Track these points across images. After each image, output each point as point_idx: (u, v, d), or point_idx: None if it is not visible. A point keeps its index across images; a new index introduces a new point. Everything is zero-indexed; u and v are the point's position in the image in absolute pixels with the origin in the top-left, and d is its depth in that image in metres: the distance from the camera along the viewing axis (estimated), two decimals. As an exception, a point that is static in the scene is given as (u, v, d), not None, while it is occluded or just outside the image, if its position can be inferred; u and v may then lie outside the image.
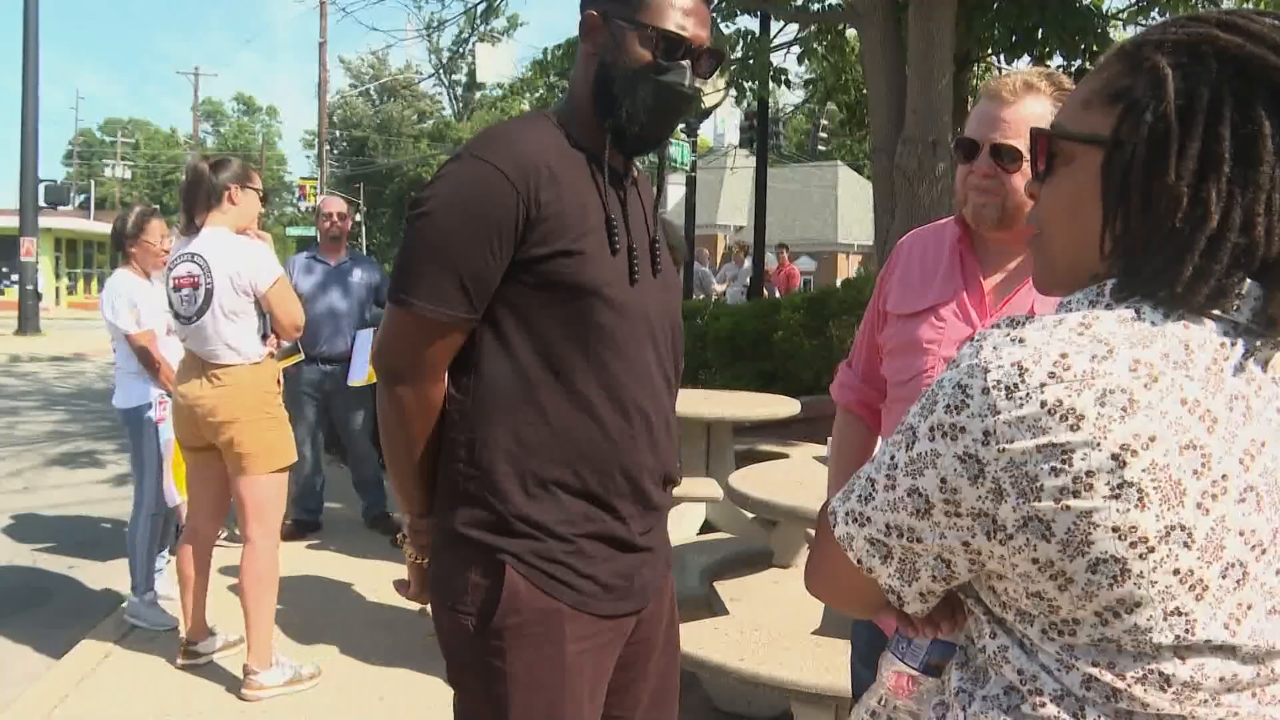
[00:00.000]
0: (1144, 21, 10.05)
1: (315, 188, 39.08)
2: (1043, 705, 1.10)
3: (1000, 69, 9.30)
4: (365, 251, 39.78)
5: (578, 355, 1.93)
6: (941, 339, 2.10)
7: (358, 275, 6.90)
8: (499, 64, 26.20)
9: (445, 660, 2.03)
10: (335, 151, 57.83)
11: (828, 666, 3.33)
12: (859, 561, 1.19)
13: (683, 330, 2.19)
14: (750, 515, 6.07)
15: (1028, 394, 1.03)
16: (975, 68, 9.57)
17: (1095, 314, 1.08)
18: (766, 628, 3.74)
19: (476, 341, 1.95)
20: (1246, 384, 1.07)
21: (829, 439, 2.52)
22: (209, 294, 4.24)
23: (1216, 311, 1.07)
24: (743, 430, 7.22)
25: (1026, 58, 9.00)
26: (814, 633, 3.88)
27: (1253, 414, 1.07)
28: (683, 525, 6.35)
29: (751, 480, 4.22)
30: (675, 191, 32.58)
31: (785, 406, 6.60)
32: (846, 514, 1.19)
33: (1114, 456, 1.01)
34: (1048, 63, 9.15)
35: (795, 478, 4.42)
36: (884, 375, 2.26)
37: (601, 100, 2.00)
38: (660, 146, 2.10)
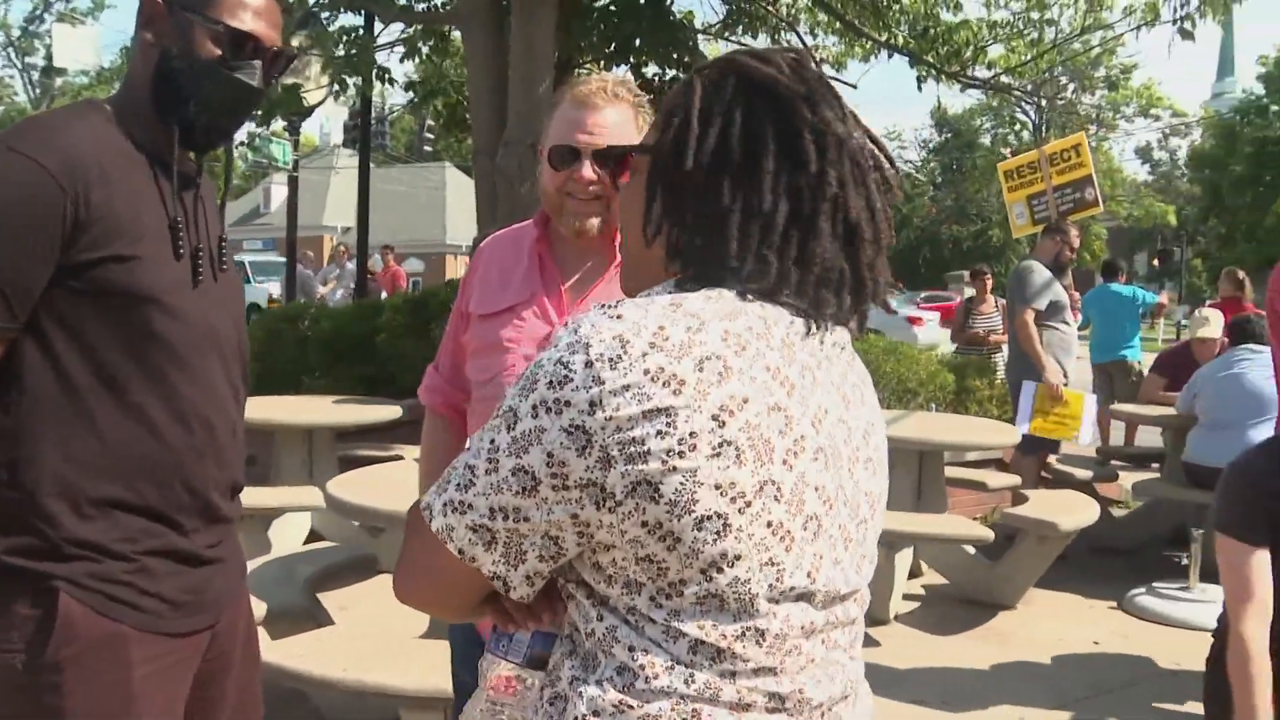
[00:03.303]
0: (730, 36, 10.78)
1: None
2: (656, 678, 1.16)
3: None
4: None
5: (133, 366, 1.81)
6: (521, 338, 2.14)
7: None
8: (80, 48, 24.48)
9: None
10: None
11: (434, 669, 3.31)
12: (460, 552, 1.19)
13: (247, 334, 2.11)
14: (356, 522, 5.95)
15: (631, 363, 1.11)
16: (576, 73, 9.88)
17: (682, 295, 1.18)
18: (372, 635, 3.68)
19: (19, 353, 1.77)
20: (810, 356, 1.21)
21: (423, 441, 2.51)
22: None
23: (782, 296, 1.21)
24: (346, 436, 7.07)
25: (624, 66, 9.39)
26: (420, 637, 3.85)
27: (818, 384, 1.21)
28: (287, 536, 6.14)
29: (350, 486, 4.12)
30: (279, 192, 31.51)
31: (388, 410, 6.55)
32: (445, 504, 1.19)
33: (714, 417, 1.10)
34: (644, 72, 9.61)
35: (397, 481, 4.36)
36: (469, 376, 2.28)
37: (163, 93, 1.89)
38: (228, 143, 2.04)
